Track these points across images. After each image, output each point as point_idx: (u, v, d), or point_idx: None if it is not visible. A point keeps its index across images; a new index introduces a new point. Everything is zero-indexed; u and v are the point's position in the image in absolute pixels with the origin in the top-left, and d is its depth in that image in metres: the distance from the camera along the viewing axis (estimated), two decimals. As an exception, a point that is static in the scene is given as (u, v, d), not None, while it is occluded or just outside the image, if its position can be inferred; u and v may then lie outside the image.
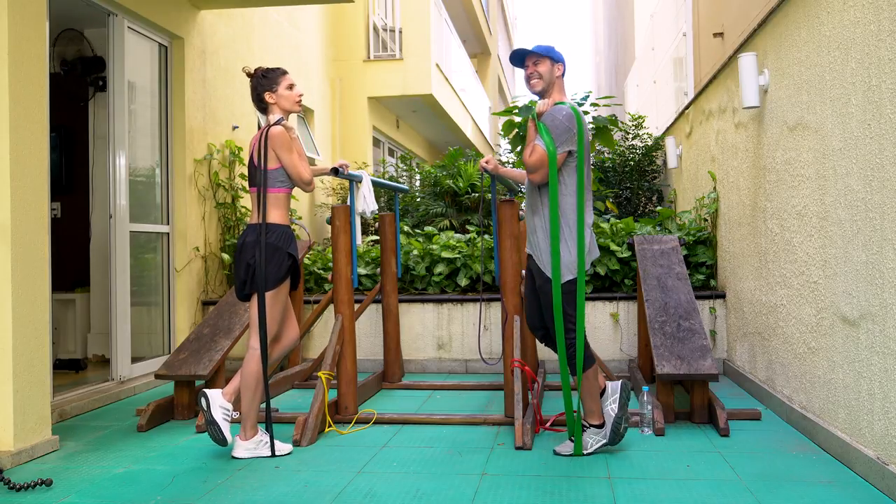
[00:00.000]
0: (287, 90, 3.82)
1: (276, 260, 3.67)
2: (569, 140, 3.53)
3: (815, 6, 3.71)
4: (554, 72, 3.68)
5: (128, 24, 5.46)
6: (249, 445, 3.72)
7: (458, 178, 8.63)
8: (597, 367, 3.66)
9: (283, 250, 3.68)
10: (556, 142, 3.52)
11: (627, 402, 3.66)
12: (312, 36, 9.88)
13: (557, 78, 3.69)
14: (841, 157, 3.40)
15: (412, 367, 6.17)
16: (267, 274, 3.67)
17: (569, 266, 3.56)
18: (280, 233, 3.70)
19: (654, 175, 9.13)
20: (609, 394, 3.67)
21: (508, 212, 4.27)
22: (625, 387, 3.66)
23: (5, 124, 3.64)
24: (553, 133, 3.52)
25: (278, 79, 3.81)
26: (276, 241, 3.68)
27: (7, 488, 3.23)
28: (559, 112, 3.55)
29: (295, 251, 3.74)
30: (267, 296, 3.68)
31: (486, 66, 21.68)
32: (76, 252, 6.45)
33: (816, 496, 3.02)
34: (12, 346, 3.64)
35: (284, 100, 3.81)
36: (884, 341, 3.01)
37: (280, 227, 3.70)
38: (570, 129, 3.52)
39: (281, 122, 3.77)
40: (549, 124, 3.54)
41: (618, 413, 3.63)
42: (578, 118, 3.55)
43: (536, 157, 3.54)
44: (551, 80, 3.68)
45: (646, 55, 14.29)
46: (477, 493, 3.12)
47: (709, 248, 6.00)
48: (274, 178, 3.70)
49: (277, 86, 3.80)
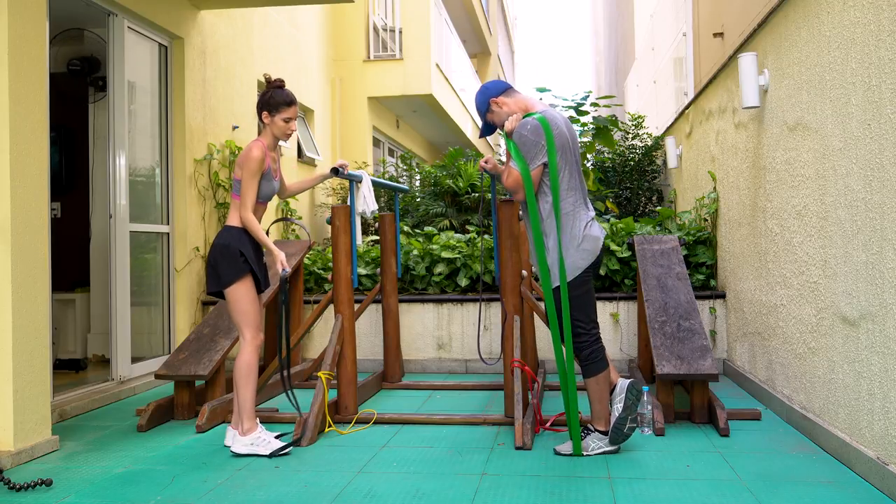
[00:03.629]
0: (282, 122, 3.88)
1: (227, 258, 3.74)
2: (539, 153, 3.50)
3: (815, 6, 3.71)
4: (497, 111, 3.68)
5: (128, 24, 5.46)
6: (247, 441, 3.74)
7: (458, 178, 8.64)
8: (608, 372, 3.62)
9: (233, 247, 3.75)
10: (527, 158, 3.50)
11: (635, 402, 3.59)
12: (312, 36, 9.88)
13: (506, 106, 3.67)
14: (841, 157, 3.40)
15: (412, 367, 6.17)
16: (220, 272, 3.75)
17: (569, 270, 3.54)
18: (235, 234, 3.78)
19: (654, 175, 9.13)
20: (616, 392, 3.61)
21: (508, 212, 4.27)
22: (632, 387, 3.60)
23: (5, 124, 3.64)
24: (522, 150, 3.51)
25: (280, 107, 3.86)
26: (226, 240, 3.77)
27: (7, 488, 3.23)
28: (523, 128, 3.53)
29: (247, 250, 3.77)
30: (227, 292, 3.76)
31: (486, 66, 21.68)
32: (76, 252, 6.45)
33: (816, 496, 3.02)
34: (12, 346, 3.64)
35: (276, 128, 3.88)
36: (884, 341, 3.01)
37: (235, 229, 3.79)
38: (537, 143, 3.49)
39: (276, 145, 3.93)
40: (517, 141, 3.53)
41: (621, 413, 3.58)
42: (546, 126, 3.49)
43: (512, 179, 3.56)
44: (507, 113, 3.67)
45: (646, 55, 14.30)
46: (477, 493, 3.12)
47: (709, 248, 6.00)
48: (238, 186, 3.82)
49: (277, 113, 3.86)
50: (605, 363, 3.60)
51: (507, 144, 3.62)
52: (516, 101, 3.69)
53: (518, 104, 3.68)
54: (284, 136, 3.91)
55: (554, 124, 3.53)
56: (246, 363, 3.77)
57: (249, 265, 3.78)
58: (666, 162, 8.22)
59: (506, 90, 3.72)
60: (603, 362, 3.59)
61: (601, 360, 3.59)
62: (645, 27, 14.54)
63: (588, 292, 3.60)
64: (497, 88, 3.72)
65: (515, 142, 3.54)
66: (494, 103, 3.69)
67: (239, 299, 3.77)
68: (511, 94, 3.71)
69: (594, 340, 3.59)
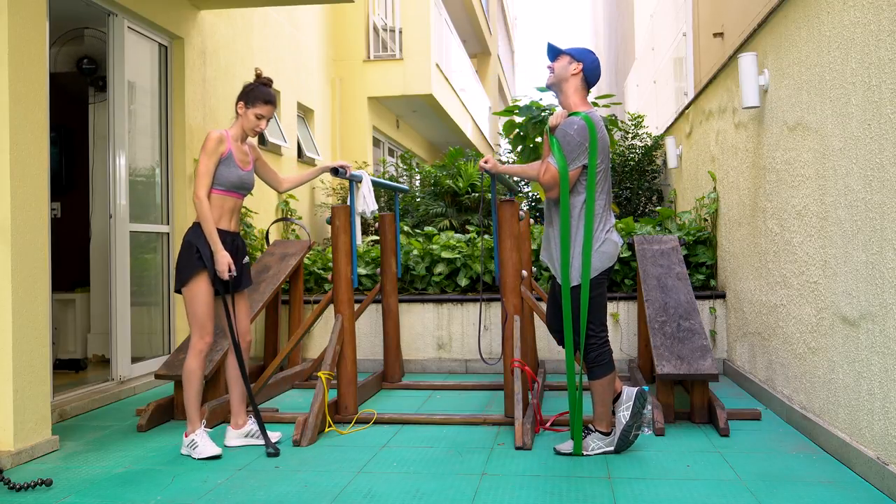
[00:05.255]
0: (255, 117, 3.81)
1: (185, 256, 3.68)
2: (581, 155, 3.47)
3: (815, 6, 3.71)
4: (569, 69, 3.59)
5: (128, 24, 5.46)
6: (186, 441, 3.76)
7: (458, 178, 8.64)
8: (614, 375, 3.62)
9: (192, 245, 3.66)
10: (568, 158, 3.47)
11: (641, 410, 3.60)
12: (312, 36, 9.88)
13: (573, 76, 3.59)
14: (841, 157, 3.40)
15: (412, 367, 6.17)
16: (179, 270, 3.69)
17: (579, 273, 3.54)
18: (198, 231, 3.68)
19: (654, 175, 9.13)
20: (623, 399, 3.62)
21: (508, 212, 4.27)
22: (640, 395, 3.61)
23: (5, 124, 3.64)
24: (565, 149, 3.47)
25: (257, 102, 3.81)
26: (188, 237, 3.69)
27: (7, 488, 3.23)
28: (570, 126, 3.49)
29: (203, 246, 3.65)
30: (182, 292, 3.69)
31: (486, 66, 21.69)
32: (76, 252, 6.45)
33: (816, 496, 3.02)
34: (12, 345, 3.64)
35: (247, 121, 3.83)
36: (884, 341, 3.01)
37: (199, 228, 3.69)
38: (581, 144, 3.46)
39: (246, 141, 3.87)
40: (561, 140, 3.49)
41: (629, 421, 3.59)
42: (591, 128, 3.48)
43: (549, 175, 3.51)
44: (564, 77, 3.60)
45: (646, 55, 14.30)
46: (477, 494, 3.12)
47: (709, 248, 6.00)
48: None
49: (252, 107, 3.81)
50: (611, 366, 3.60)
51: (549, 139, 3.58)
52: (578, 91, 3.62)
53: (576, 95, 3.60)
54: (252, 131, 3.84)
55: (598, 127, 3.52)
56: (188, 368, 3.75)
57: (204, 263, 3.65)
58: (666, 162, 8.22)
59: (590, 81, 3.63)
60: (609, 365, 3.59)
61: (608, 363, 3.59)
62: (645, 27, 14.54)
63: (601, 296, 3.59)
64: (592, 70, 3.61)
65: (559, 138, 3.51)
66: (577, 67, 3.58)
67: (190, 300, 3.68)
68: (584, 86, 3.62)
69: (602, 343, 3.60)
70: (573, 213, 3.53)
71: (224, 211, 3.76)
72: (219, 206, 3.74)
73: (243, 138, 3.88)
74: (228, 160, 3.74)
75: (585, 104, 3.63)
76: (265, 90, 3.83)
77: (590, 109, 3.60)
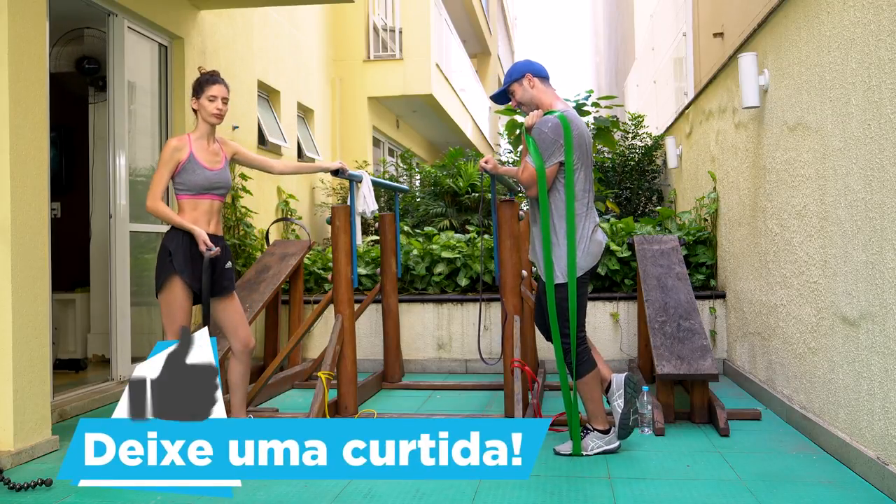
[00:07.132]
0: (208, 101, 3.64)
1: (159, 261, 3.63)
2: (557, 151, 3.52)
3: (815, 6, 3.71)
4: (527, 88, 3.67)
5: (128, 24, 5.46)
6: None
7: (458, 178, 8.63)
8: (597, 371, 3.63)
9: (165, 248, 3.60)
10: (544, 155, 3.52)
11: (634, 395, 3.64)
12: (312, 36, 9.88)
13: (535, 89, 3.67)
14: (841, 157, 3.40)
15: (412, 367, 6.17)
16: (155, 274, 3.64)
17: (564, 271, 3.56)
18: (170, 235, 3.62)
19: (654, 175, 9.12)
20: (614, 388, 3.65)
21: (508, 212, 4.27)
22: (629, 381, 3.64)
23: (5, 124, 3.64)
24: (540, 147, 3.53)
25: (204, 86, 3.66)
26: (163, 242, 3.64)
27: (7, 488, 3.23)
28: (544, 125, 3.54)
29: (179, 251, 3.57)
30: (158, 297, 3.63)
31: (486, 66, 21.67)
32: (76, 252, 6.45)
33: (816, 496, 3.02)
34: (12, 345, 3.64)
35: (204, 111, 3.66)
36: (884, 341, 3.01)
37: (172, 231, 3.62)
38: (556, 141, 3.51)
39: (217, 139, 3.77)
40: (537, 138, 3.55)
41: (624, 408, 3.62)
42: (566, 126, 3.52)
43: (527, 174, 3.57)
44: (531, 96, 3.68)
45: (646, 55, 14.30)
46: (477, 493, 3.12)
47: (709, 248, 6.00)
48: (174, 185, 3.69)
49: (202, 93, 3.67)
50: (591, 363, 3.62)
51: (525, 139, 3.63)
52: (545, 92, 3.69)
53: (545, 96, 3.68)
54: (213, 117, 3.66)
55: (574, 125, 3.56)
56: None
57: (174, 267, 3.55)
58: (666, 162, 8.22)
59: (545, 77, 3.72)
60: (589, 363, 3.61)
61: (587, 360, 3.61)
62: (645, 27, 14.54)
63: (583, 296, 3.62)
64: (538, 69, 3.71)
65: (534, 138, 3.56)
66: (528, 79, 3.68)
67: (164, 305, 3.61)
68: (546, 84, 3.72)
69: (579, 342, 3.61)
70: (553, 212, 3.55)
71: (199, 214, 3.65)
72: (191, 210, 3.64)
73: (211, 135, 3.74)
74: (190, 164, 3.62)
75: (558, 100, 3.69)
76: (207, 75, 3.71)
77: (565, 107, 3.64)
